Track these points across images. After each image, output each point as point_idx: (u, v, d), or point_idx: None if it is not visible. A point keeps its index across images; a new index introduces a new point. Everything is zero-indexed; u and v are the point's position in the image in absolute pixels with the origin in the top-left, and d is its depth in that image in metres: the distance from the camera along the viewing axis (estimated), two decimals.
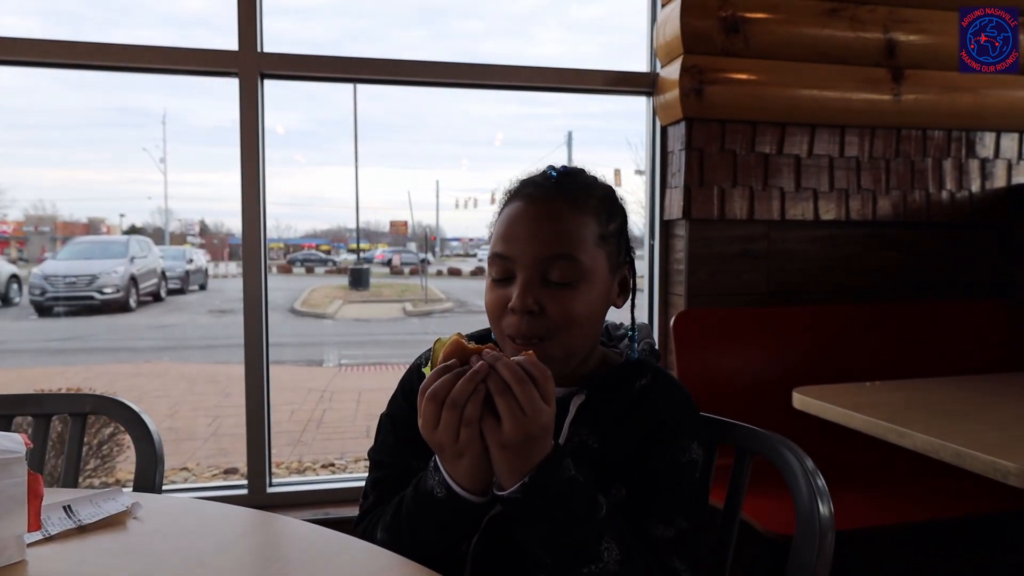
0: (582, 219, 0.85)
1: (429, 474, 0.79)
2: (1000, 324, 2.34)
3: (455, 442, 0.73)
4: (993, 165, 2.38)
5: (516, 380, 0.71)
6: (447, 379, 0.72)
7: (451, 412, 0.71)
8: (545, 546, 0.76)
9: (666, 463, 0.86)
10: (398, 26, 6.28)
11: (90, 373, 6.87)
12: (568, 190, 0.87)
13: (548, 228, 0.84)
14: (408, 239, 19.63)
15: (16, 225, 14.02)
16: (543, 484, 0.73)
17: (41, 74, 4.26)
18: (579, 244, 0.84)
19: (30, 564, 0.74)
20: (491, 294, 0.87)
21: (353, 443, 4.64)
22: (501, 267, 0.85)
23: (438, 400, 0.72)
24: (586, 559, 0.75)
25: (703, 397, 1.03)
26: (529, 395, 0.71)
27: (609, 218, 0.89)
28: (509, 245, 0.85)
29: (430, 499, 0.79)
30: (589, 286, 0.85)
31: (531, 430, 0.72)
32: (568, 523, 0.75)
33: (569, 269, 0.83)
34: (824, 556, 0.84)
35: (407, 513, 0.82)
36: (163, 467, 1.14)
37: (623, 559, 0.76)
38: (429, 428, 0.73)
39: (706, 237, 2.17)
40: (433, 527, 0.80)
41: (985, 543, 2.31)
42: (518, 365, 0.72)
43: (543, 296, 0.83)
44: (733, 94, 2.11)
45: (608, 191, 0.92)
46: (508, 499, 0.74)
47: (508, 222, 0.86)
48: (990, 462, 1.17)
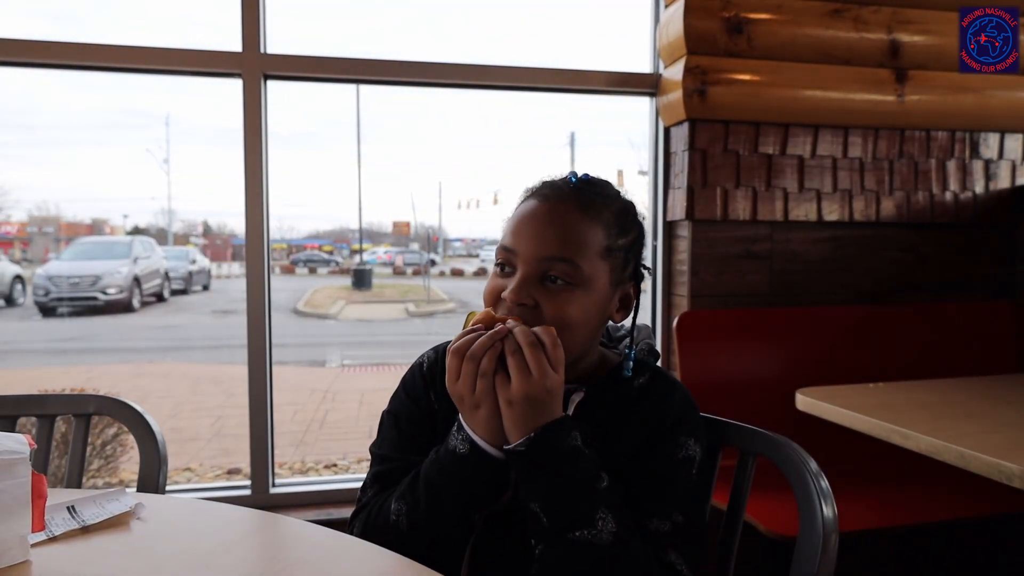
0: (590, 227, 0.87)
1: (452, 435, 0.84)
2: (1004, 325, 2.34)
3: (472, 393, 0.80)
4: (997, 166, 2.37)
5: (527, 343, 0.78)
6: (470, 337, 0.81)
7: (469, 364, 0.80)
8: (543, 504, 0.80)
9: (662, 459, 0.87)
10: (400, 27, 6.28)
11: (93, 373, 6.89)
12: (583, 197, 0.88)
13: (554, 229, 0.86)
14: (410, 239, 19.66)
15: (20, 226, 14.07)
16: (546, 443, 0.79)
17: (45, 76, 4.28)
18: (582, 251, 0.86)
19: (34, 564, 0.74)
20: (491, 282, 0.90)
21: (356, 443, 4.64)
22: (505, 258, 0.89)
23: (460, 354, 0.80)
24: (580, 524, 0.78)
25: (706, 398, 1.03)
26: (537, 358, 0.78)
27: (620, 232, 0.90)
28: (515, 239, 0.88)
29: (453, 457, 0.83)
30: (585, 293, 0.86)
31: (534, 391, 0.78)
32: (567, 486, 0.79)
33: (567, 272, 0.85)
34: (827, 558, 0.84)
35: (427, 477, 0.84)
36: (166, 468, 1.14)
37: (617, 532, 0.79)
38: (452, 380, 0.81)
39: (709, 238, 2.17)
40: (455, 486, 0.83)
41: (989, 545, 2.30)
42: (533, 331, 0.79)
43: (538, 293, 0.85)
44: (736, 95, 2.11)
45: (626, 206, 0.93)
46: (513, 452, 0.80)
47: (519, 217, 0.89)
48: (994, 464, 1.17)
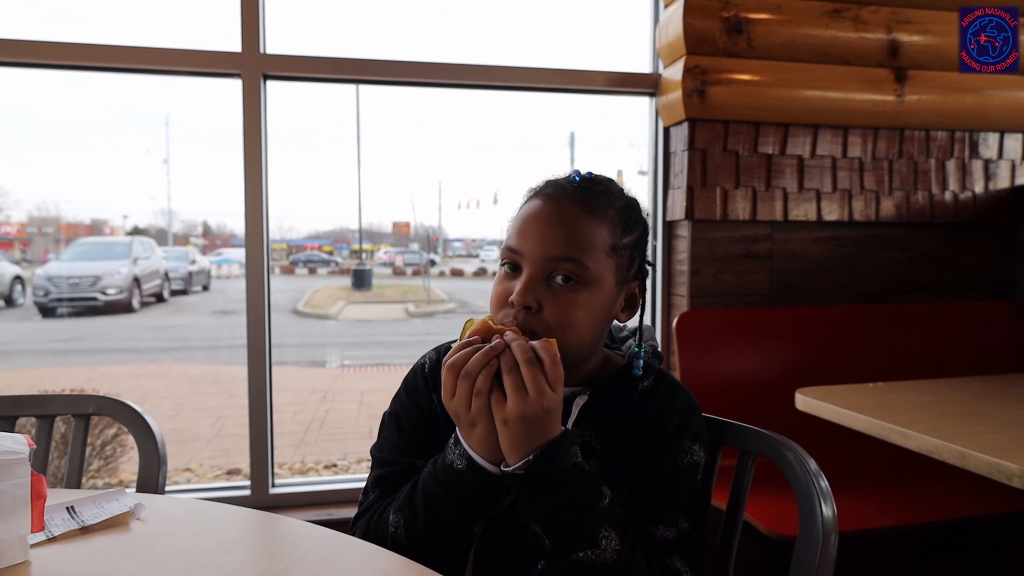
0: (595, 226, 0.86)
1: (449, 449, 0.82)
2: (1004, 325, 2.34)
3: (468, 411, 0.77)
4: (997, 166, 2.37)
5: (525, 361, 0.75)
6: (466, 352, 0.78)
7: (465, 382, 0.76)
8: (544, 526, 0.78)
9: (668, 465, 0.87)
10: (400, 27, 6.27)
11: (93, 374, 6.88)
12: (587, 196, 0.87)
13: (559, 230, 0.85)
14: (410, 240, 19.64)
15: (20, 226, 14.06)
16: (546, 464, 0.76)
17: (45, 76, 4.27)
18: (588, 250, 0.85)
19: (33, 565, 0.74)
20: (498, 286, 0.88)
21: (356, 444, 4.64)
22: (510, 259, 0.87)
23: (455, 370, 0.77)
24: (583, 544, 0.77)
25: (705, 398, 1.03)
26: (535, 376, 0.75)
27: (625, 230, 0.89)
28: (520, 240, 0.86)
29: (450, 472, 0.81)
30: (591, 293, 0.85)
31: (530, 411, 0.75)
32: (568, 506, 0.77)
33: (574, 272, 0.84)
34: (827, 558, 0.84)
35: (424, 490, 0.83)
36: (166, 468, 1.14)
37: (622, 550, 0.78)
38: (447, 397, 0.79)
39: (709, 238, 2.17)
40: (452, 500, 0.81)
41: (989, 545, 2.30)
42: (531, 347, 0.76)
43: (544, 295, 0.84)
44: (736, 95, 2.11)
45: (630, 204, 0.92)
46: (511, 475, 0.78)
47: (524, 218, 0.88)
48: (993, 463, 1.17)
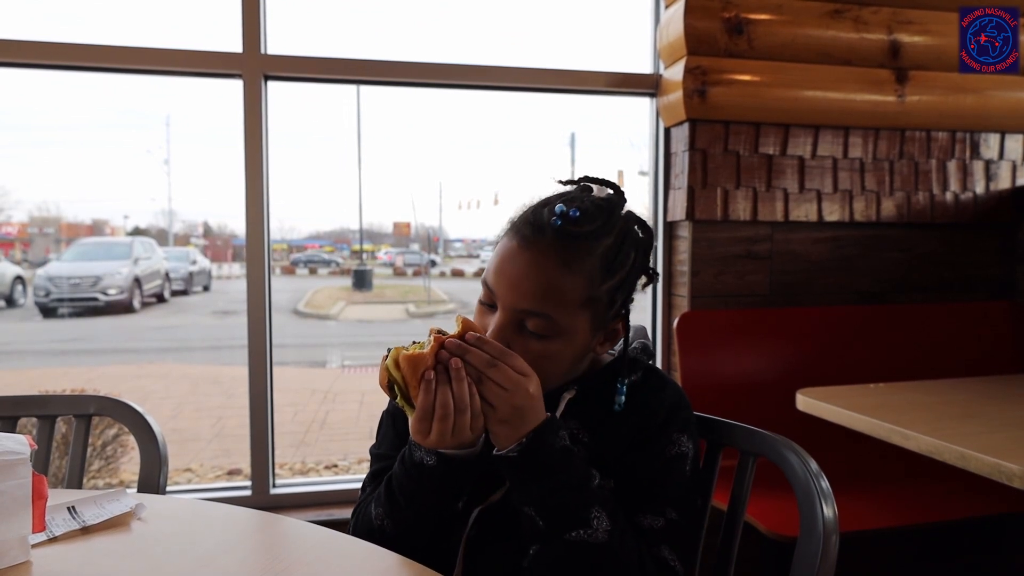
0: (570, 280, 0.82)
1: (415, 446, 0.83)
2: (1005, 325, 2.34)
3: (452, 437, 0.78)
4: (997, 166, 2.37)
5: (487, 366, 0.77)
6: (429, 399, 0.77)
7: (441, 424, 0.77)
8: (537, 507, 0.80)
9: (655, 456, 0.88)
10: (400, 27, 6.29)
11: (94, 374, 6.89)
12: (565, 244, 0.82)
13: (529, 283, 0.82)
14: (411, 240, 19.64)
15: (21, 227, 14.07)
16: (538, 446, 0.79)
17: (45, 76, 4.27)
18: (559, 305, 0.82)
19: (34, 565, 0.74)
20: (477, 318, 0.88)
21: (356, 444, 4.64)
22: (486, 296, 0.88)
23: (428, 417, 0.77)
24: (576, 524, 0.79)
25: (706, 399, 1.03)
26: (504, 373, 0.77)
27: (606, 276, 0.84)
28: (496, 279, 0.85)
29: (421, 468, 0.83)
30: (563, 343, 0.85)
31: (518, 400, 0.78)
32: (560, 487, 0.79)
33: (544, 326, 0.83)
34: (828, 558, 0.84)
35: (400, 485, 0.85)
36: (167, 468, 1.14)
37: (612, 531, 0.79)
38: (420, 432, 0.79)
39: (709, 238, 2.17)
40: (429, 492, 0.84)
41: (989, 545, 2.30)
42: (479, 349, 0.77)
43: (515, 341, 0.83)
44: (736, 95, 2.11)
45: (615, 244, 0.85)
46: (505, 458, 0.80)
47: (500, 257, 0.86)
48: (994, 464, 1.17)
